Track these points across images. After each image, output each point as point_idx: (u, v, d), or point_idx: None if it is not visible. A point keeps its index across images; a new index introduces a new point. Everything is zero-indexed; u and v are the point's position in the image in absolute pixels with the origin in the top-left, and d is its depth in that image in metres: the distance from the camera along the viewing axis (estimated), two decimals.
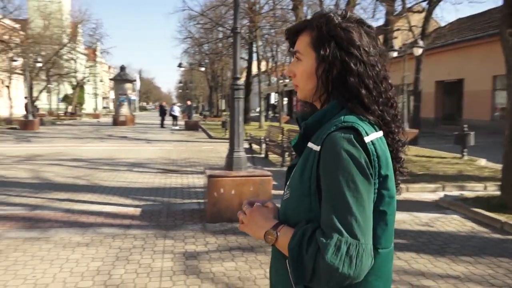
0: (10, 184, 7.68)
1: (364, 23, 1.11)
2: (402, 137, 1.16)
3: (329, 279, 0.95)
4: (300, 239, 0.99)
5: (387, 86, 1.10)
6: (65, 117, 39.41)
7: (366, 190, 0.97)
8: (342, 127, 1.00)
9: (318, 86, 1.10)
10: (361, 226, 0.95)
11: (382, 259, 1.05)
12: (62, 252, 4.21)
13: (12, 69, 31.02)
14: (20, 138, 18.09)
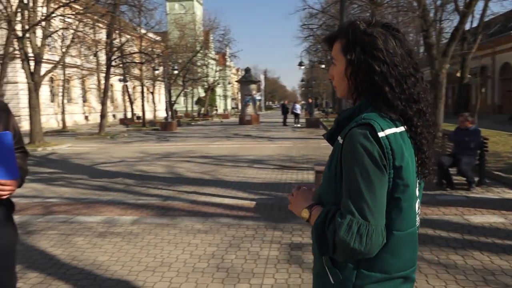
0: (149, 178, 8.87)
1: (390, 27, 1.22)
2: (429, 130, 1.23)
3: (343, 252, 1.12)
4: (324, 217, 1.17)
5: (412, 83, 1.19)
6: (199, 118, 43.03)
7: (378, 179, 1.11)
8: (361, 123, 1.14)
9: (349, 87, 1.24)
10: (371, 209, 1.10)
11: (398, 240, 1.18)
12: (185, 237, 4.81)
13: (154, 77, 35.09)
14: (160, 138, 20.45)
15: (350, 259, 1.18)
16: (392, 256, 1.20)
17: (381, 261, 1.19)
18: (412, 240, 1.25)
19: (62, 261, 4.13)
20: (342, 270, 1.22)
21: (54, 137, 20.95)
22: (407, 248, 1.23)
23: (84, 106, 40.33)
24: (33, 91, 16.55)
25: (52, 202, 6.70)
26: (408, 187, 1.16)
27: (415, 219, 1.25)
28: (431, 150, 1.28)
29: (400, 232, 1.19)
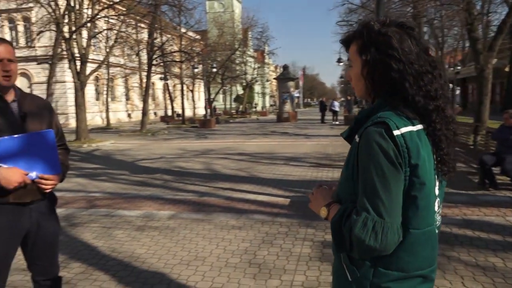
0: (187, 174, 9.08)
1: (404, 26, 1.22)
2: (448, 127, 1.22)
3: (359, 249, 1.14)
4: (341, 215, 1.20)
5: (429, 80, 1.20)
6: (237, 116, 43.38)
7: (393, 177, 1.12)
8: (376, 122, 1.16)
9: (366, 87, 1.26)
10: (386, 207, 1.11)
11: (415, 238, 1.19)
12: (219, 232, 4.91)
13: (194, 75, 35.69)
14: (199, 135, 20.83)
15: (367, 256, 1.19)
16: (409, 255, 1.20)
17: (398, 259, 1.20)
18: (430, 239, 1.24)
19: (103, 253, 4.34)
20: (360, 268, 1.24)
21: (98, 134, 21.81)
22: (425, 246, 1.23)
23: (127, 104, 41.65)
24: (79, 90, 17.30)
25: (95, 196, 7.01)
26: (424, 185, 1.16)
27: (434, 218, 1.25)
28: (452, 147, 1.27)
29: (417, 230, 1.19)
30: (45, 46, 27.92)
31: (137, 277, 3.70)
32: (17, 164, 2.13)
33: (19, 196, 2.16)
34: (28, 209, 2.23)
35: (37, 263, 2.39)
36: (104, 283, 3.59)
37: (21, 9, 27.55)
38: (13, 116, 2.20)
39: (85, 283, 3.60)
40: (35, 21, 22.46)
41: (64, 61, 24.26)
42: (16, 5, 20.76)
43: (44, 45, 27.51)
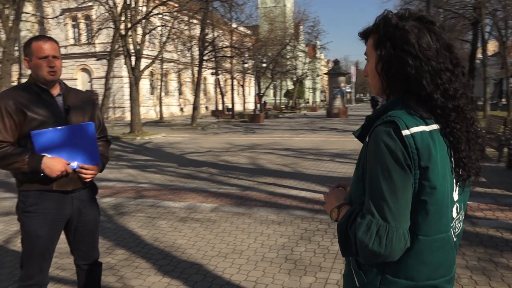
0: (232, 168, 9.21)
1: (424, 19, 1.15)
2: (469, 129, 1.15)
3: (363, 254, 1.09)
4: (348, 217, 1.16)
5: (447, 78, 1.12)
6: (286, 111, 43.25)
7: (400, 179, 1.06)
8: (386, 121, 1.10)
9: (381, 83, 1.20)
10: (392, 211, 1.06)
11: (424, 245, 1.12)
12: (259, 227, 4.95)
13: (244, 70, 35.98)
14: (247, 129, 21.01)
15: (371, 261, 1.13)
16: (419, 262, 1.13)
17: (407, 267, 1.13)
18: (444, 247, 1.16)
19: (146, 241, 4.52)
20: (367, 274, 1.18)
21: (152, 127, 22.62)
22: (437, 255, 1.15)
23: (179, 98, 42.81)
24: (134, 84, 18.01)
25: (143, 187, 7.30)
26: (435, 189, 1.08)
27: (449, 225, 1.16)
28: (474, 150, 1.18)
29: (427, 237, 1.12)
30: (103, 42, 29.32)
31: (176, 267, 3.82)
32: (60, 154, 2.26)
33: (62, 184, 2.30)
34: (70, 196, 2.37)
35: (79, 248, 2.53)
36: (144, 271, 3.74)
37: (83, 8, 29.08)
38: (58, 109, 2.34)
39: (127, 270, 3.77)
40: (94, 19, 23.61)
41: (121, 57, 25.33)
42: (77, 4, 21.90)
43: (102, 41, 28.89)
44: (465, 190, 1.23)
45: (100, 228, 4.97)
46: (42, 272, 2.35)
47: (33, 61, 2.27)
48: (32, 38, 2.35)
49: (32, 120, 2.23)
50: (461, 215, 1.23)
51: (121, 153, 12.73)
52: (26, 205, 2.28)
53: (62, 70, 2.39)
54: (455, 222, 1.20)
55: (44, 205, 2.29)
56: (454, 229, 1.20)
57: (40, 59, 2.25)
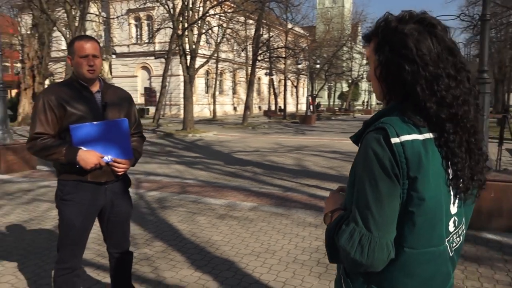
0: (276, 169, 9.24)
1: (425, 21, 1.10)
2: (469, 139, 1.10)
3: (345, 261, 1.08)
4: (337, 222, 1.14)
5: (446, 84, 1.06)
6: (339, 113, 42.57)
7: (387, 188, 1.03)
8: (377, 127, 1.07)
9: (381, 88, 1.17)
10: (376, 220, 1.03)
11: (410, 258, 1.08)
12: (295, 228, 4.93)
13: (298, 71, 35.85)
14: (298, 130, 20.94)
15: (354, 270, 1.12)
16: (405, 275, 1.09)
17: (392, 279, 1.10)
18: (435, 261, 1.10)
19: (183, 236, 4.66)
20: (354, 282, 1.16)
21: (204, 125, 23.16)
22: (427, 268, 1.10)
23: (233, 97, 43.49)
24: (188, 83, 18.55)
25: (188, 183, 7.51)
26: (423, 201, 1.03)
27: (443, 238, 1.10)
28: (475, 161, 1.12)
29: (414, 250, 1.07)
30: (162, 42, 30.43)
31: (209, 262, 3.91)
32: (94, 148, 2.40)
33: (96, 176, 2.45)
34: (103, 188, 2.51)
35: (111, 237, 2.68)
36: (178, 264, 3.86)
37: (146, 8, 30.34)
38: (96, 105, 2.49)
39: (162, 261, 3.91)
40: (155, 19, 24.58)
41: (178, 56, 26.21)
42: (138, 5, 22.90)
43: (160, 41, 29.99)
44: (466, 204, 1.16)
45: (142, 220, 5.21)
46: (76, 257, 2.51)
47: (75, 60, 2.42)
48: (75, 38, 2.51)
49: (71, 115, 2.38)
50: (460, 229, 1.17)
51: (172, 149, 13.17)
52: (63, 193, 2.44)
53: (100, 69, 2.53)
54: (453, 236, 1.14)
55: (80, 194, 2.44)
56: (451, 243, 1.14)
57: (81, 58, 2.40)
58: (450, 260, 1.15)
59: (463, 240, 1.20)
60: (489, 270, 3.72)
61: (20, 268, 3.74)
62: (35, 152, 2.40)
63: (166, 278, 3.56)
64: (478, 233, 4.70)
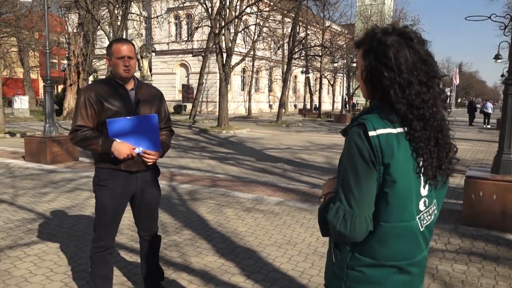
0: (306, 166, 9.38)
1: (405, 35, 1.29)
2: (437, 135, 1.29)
3: (333, 233, 1.31)
4: (327, 203, 1.37)
5: (417, 90, 1.26)
6: None
7: (365, 173, 1.24)
8: (359, 123, 1.29)
9: (367, 90, 1.37)
10: (356, 199, 1.25)
11: (385, 230, 1.29)
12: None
13: (335, 70, 35.58)
14: (331, 129, 20.90)
15: (340, 240, 1.33)
16: (381, 245, 1.30)
17: (370, 248, 1.31)
18: (405, 234, 1.30)
19: (211, 226, 4.93)
20: (341, 251, 1.38)
21: (239, 122, 23.52)
22: (398, 240, 1.30)
23: (269, 95, 43.72)
24: (223, 80, 18.93)
25: (219, 177, 7.81)
26: (395, 183, 1.23)
27: (413, 215, 1.30)
28: (444, 153, 1.31)
29: (387, 223, 1.27)
30: (200, 40, 31.04)
31: (232, 250, 4.15)
32: (127, 140, 2.68)
33: (128, 166, 2.72)
34: (135, 176, 2.79)
35: (141, 222, 2.96)
36: (204, 251, 4.13)
37: (185, 7, 31.06)
38: (130, 101, 2.77)
39: (189, 248, 4.19)
40: (194, 18, 25.15)
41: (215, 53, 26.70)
42: (178, 4, 23.50)
43: (198, 39, 30.61)
44: (438, 188, 1.35)
45: (173, 210, 5.53)
46: (109, 237, 2.80)
47: (113, 60, 2.70)
48: (112, 41, 2.79)
49: (108, 110, 2.67)
50: (431, 209, 1.36)
51: (206, 144, 13.56)
52: (99, 179, 2.74)
53: (135, 68, 2.81)
54: (424, 214, 1.33)
55: (114, 181, 2.73)
56: (422, 220, 1.33)
57: (118, 59, 2.68)
58: (421, 234, 1.35)
59: (435, 219, 1.39)
60: (507, 270, 3.76)
61: (62, 248, 4.12)
62: (76, 142, 2.71)
63: (192, 263, 3.83)
64: (502, 234, 4.70)
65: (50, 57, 10.14)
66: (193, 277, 3.53)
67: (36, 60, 37.17)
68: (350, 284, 1.36)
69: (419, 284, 1.41)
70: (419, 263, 1.37)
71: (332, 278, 1.43)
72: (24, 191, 6.51)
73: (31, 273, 3.53)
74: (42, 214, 5.25)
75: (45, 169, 8.38)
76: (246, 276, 3.56)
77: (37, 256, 3.91)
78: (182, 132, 17.77)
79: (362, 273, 1.34)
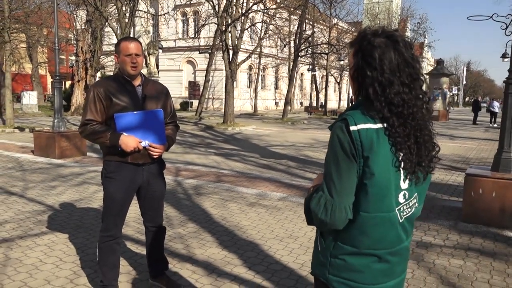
0: (310, 163, 9.48)
1: (392, 37, 1.38)
2: (416, 133, 1.37)
3: (315, 221, 1.40)
4: (312, 193, 1.45)
5: (396, 90, 1.35)
6: None
7: (345, 165, 1.33)
8: (342, 118, 1.38)
9: (354, 87, 1.46)
10: (337, 189, 1.34)
11: (364, 220, 1.37)
12: None
13: (341, 67, 35.52)
14: None
15: (322, 228, 1.42)
16: (360, 234, 1.38)
17: (350, 236, 1.39)
18: (384, 224, 1.37)
19: (215, 219, 5.05)
20: (325, 240, 1.47)
21: (245, 119, 23.63)
22: (377, 229, 1.37)
23: (275, 92, 43.76)
24: (229, 77, 19.04)
25: (224, 173, 7.93)
26: (373, 175, 1.31)
27: (392, 207, 1.37)
28: (424, 150, 1.39)
29: (367, 213, 1.35)
30: (206, 37, 31.17)
31: (235, 243, 4.27)
32: (134, 133, 2.80)
33: (135, 158, 2.85)
34: (141, 169, 2.91)
35: (147, 213, 3.09)
36: (207, 243, 4.25)
37: (192, 4, 31.19)
38: (137, 97, 2.89)
39: (194, 240, 4.32)
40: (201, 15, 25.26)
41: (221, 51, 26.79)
42: (185, 1, 23.62)
43: (205, 36, 30.74)
44: (418, 183, 1.42)
45: (179, 204, 5.66)
46: (117, 226, 2.93)
47: (121, 58, 2.82)
48: (121, 39, 2.91)
49: (116, 105, 2.79)
50: (411, 202, 1.43)
51: (211, 141, 13.69)
52: (107, 171, 2.87)
53: (142, 65, 2.93)
54: (403, 207, 1.41)
55: (121, 173, 2.85)
56: (401, 212, 1.41)
57: (125, 56, 2.79)
58: (401, 225, 1.42)
59: (416, 211, 1.47)
60: (503, 265, 3.84)
61: (71, 239, 4.27)
62: (86, 136, 2.84)
63: (196, 254, 3.95)
64: (501, 231, 4.77)
65: (59, 54, 10.30)
66: (196, 267, 3.66)
67: (45, 56, 37.53)
68: (333, 272, 1.44)
69: (401, 272, 1.49)
70: (399, 252, 1.44)
71: (317, 265, 1.52)
72: (33, 184, 6.68)
73: (41, 262, 3.67)
74: (51, 207, 5.40)
75: (53, 163, 8.56)
76: (248, 267, 3.68)
77: (47, 246, 4.06)
78: (188, 129, 17.92)
79: (344, 261, 1.42)
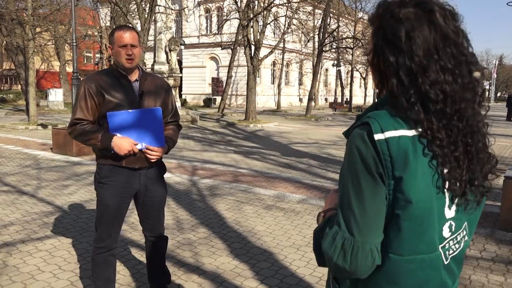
0: (333, 162, 9.05)
1: (424, 5, 0.97)
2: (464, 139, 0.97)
3: (329, 266, 1.01)
4: (324, 224, 1.07)
5: (434, 78, 0.94)
6: None
7: (369, 189, 0.94)
8: (362, 123, 0.98)
9: (375, 78, 1.07)
10: (358, 223, 0.94)
11: (395, 265, 0.98)
12: None
13: (366, 62, 34.72)
14: None
15: (339, 275, 1.03)
16: (389, 284, 0.99)
17: (376, 286, 1.01)
18: (423, 269, 0.99)
19: (228, 224, 4.73)
20: (341, 285, 1.09)
21: (267, 116, 23.28)
22: (413, 277, 0.99)
23: (299, 89, 43.20)
24: (251, 73, 18.71)
25: (241, 173, 7.61)
26: (410, 203, 0.93)
27: (435, 245, 0.99)
28: (477, 165, 0.99)
29: (399, 256, 0.97)
30: (229, 33, 30.92)
31: (247, 251, 3.94)
32: (129, 134, 2.50)
33: (130, 162, 2.55)
34: (138, 173, 2.61)
35: (145, 221, 2.78)
36: (218, 251, 3.94)
37: (215, 0, 31.02)
38: (133, 93, 2.58)
39: (203, 248, 4.01)
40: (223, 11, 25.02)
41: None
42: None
43: (227, 32, 30.48)
44: (468, 208, 1.03)
45: (191, 206, 5.37)
46: (111, 237, 2.64)
47: (115, 49, 2.51)
48: (115, 28, 2.60)
49: (109, 102, 2.49)
50: (460, 235, 1.04)
51: (232, 138, 13.40)
52: (100, 176, 2.57)
53: (139, 58, 2.61)
54: (449, 243, 1.02)
55: (115, 178, 2.56)
56: (446, 250, 1.02)
57: (120, 47, 2.49)
58: (446, 269, 1.03)
59: (465, 248, 1.08)
60: (503, 267, 3.37)
61: (74, 244, 4.03)
62: (75, 137, 2.55)
63: (204, 264, 3.64)
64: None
65: (76, 51, 10.20)
66: (203, 279, 3.34)
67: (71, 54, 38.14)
68: None
69: None
70: None
71: None
72: (47, 183, 6.53)
73: (39, 270, 3.43)
74: (60, 208, 5.21)
75: (70, 161, 8.44)
76: (260, 280, 3.34)
77: (48, 251, 3.83)
78: (210, 126, 17.70)
79: None
